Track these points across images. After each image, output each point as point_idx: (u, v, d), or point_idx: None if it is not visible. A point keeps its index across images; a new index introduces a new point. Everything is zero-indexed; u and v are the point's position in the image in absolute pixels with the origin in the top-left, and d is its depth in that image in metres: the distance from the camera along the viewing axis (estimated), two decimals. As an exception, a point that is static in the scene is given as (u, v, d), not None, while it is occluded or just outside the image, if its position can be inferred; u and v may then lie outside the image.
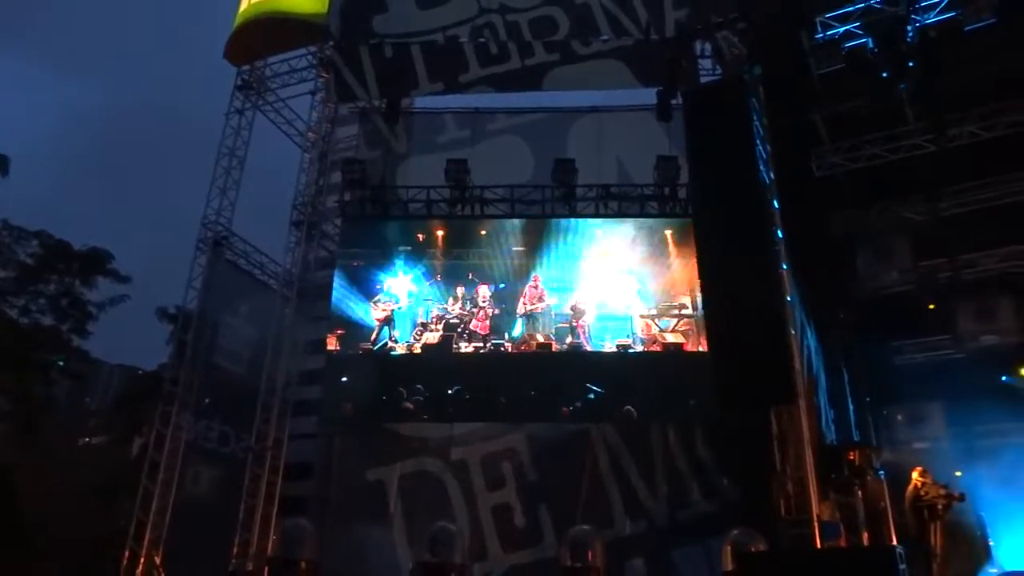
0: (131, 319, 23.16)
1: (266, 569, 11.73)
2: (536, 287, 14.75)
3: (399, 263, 15.15)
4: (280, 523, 12.65)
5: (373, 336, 14.55)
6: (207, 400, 14.52)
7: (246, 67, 16.83)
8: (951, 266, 14.20)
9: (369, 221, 15.77)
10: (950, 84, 12.35)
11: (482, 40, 15.88)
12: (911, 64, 11.44)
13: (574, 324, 14.50)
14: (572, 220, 15.31)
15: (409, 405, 13.70)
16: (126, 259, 21.31)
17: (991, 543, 10.36)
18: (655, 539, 12.47)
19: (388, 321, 14.63)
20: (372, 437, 13.97)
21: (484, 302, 14.70)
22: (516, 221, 15.49)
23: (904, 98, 12.59)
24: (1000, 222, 13.56)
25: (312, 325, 15.56)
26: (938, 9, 11.14)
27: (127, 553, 12.79)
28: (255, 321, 15.68)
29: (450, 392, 13.80)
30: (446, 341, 14.42)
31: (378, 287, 14.84)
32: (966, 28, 11.06)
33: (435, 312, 14.82)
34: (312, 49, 16.79)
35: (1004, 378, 14.16)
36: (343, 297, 14.87)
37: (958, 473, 11.71)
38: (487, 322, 14.55)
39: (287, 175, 17.13)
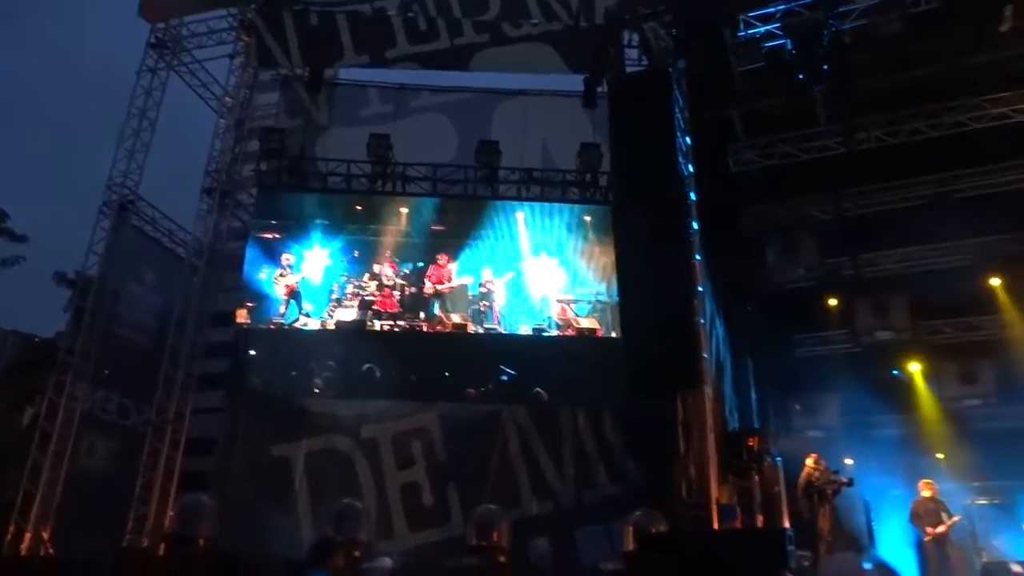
0: (28, 283, 22.01)
1: (162, 545, 11.36)
2: (443, 266, 14.65)
3: (316, 237, 14.81)
4: (179, 498, 12.27)
5: (281, 310, 14.21)
6: (106, 371, 13.90)
7: (161, 25, 16.07)
8: (853, 264, 14.91)
9: (286, 192, 15.37)
10: (861, 90, 12.89)
11: (411, 15, 15.63)
12: (826, 68, 11.84)
13: (488, 305, 14.52)
14: (493, 202, 15.30)
15: (319, 382, 13.48)
16: (23, 220, 20.20)
17: (874, 527, 10.96)
18: (560, 519, 12.67)
19: (294, 295, 14.29)
20: (279, 413, 13.65)
21: (389, 281, 14.53)
22: (437, 200, 15.37)
23: (818, 100, 13.05)
24: (899, 224, 14.31)
25: (221, 296, 15.09)
26: (853, 16, 11.55)
27: (12, 528, 12.17)
28: (161, 290, 15.08)
29: (363, 370, 13.63)
30: (361, 318, 14.22)
31: (283, 260, 14.45)
32: (877, 37, 11.51)
33: (350, 289, 14.58)
34: (233, 11, 16.16)
35: (895, 372, 15.01)
36: (255, 269, 14.46)
37: (848, 461, 12.35)
38: (393, 300, 14.39)
39: (200, 140, 16.49)
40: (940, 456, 13.67)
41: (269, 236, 14.78)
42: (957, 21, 11.28)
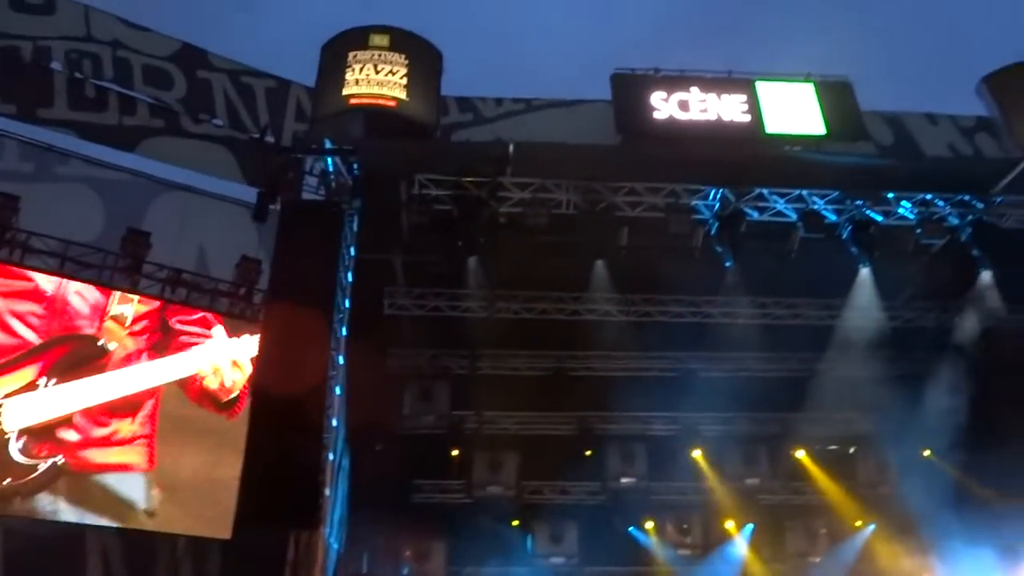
0: None
1: None
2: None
3: None
4: None
5: None
6: None
7: None
8: (477, 419, 16.12)
9: None
10: (509, 265, 14.52)
11: (78, 76, 14.25)
12: (481, 240, 13.21)
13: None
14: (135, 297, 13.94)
15: None
16: None
17: None
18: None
19: None
20: None
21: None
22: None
23: (471, 266, 14.36)
24: (520, 390, 15.92)
25: None
26: (510, 203, 13.18)
27: None
28: None
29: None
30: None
31: None
32: (527, 224, 13.20)
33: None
34: None
35: (500, 525, 16.13)
36: None
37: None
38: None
39: None
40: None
41: None
42: (588, 228, 13.40)
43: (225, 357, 13.81)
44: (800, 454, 16.74)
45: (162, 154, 14.54)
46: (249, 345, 13.60)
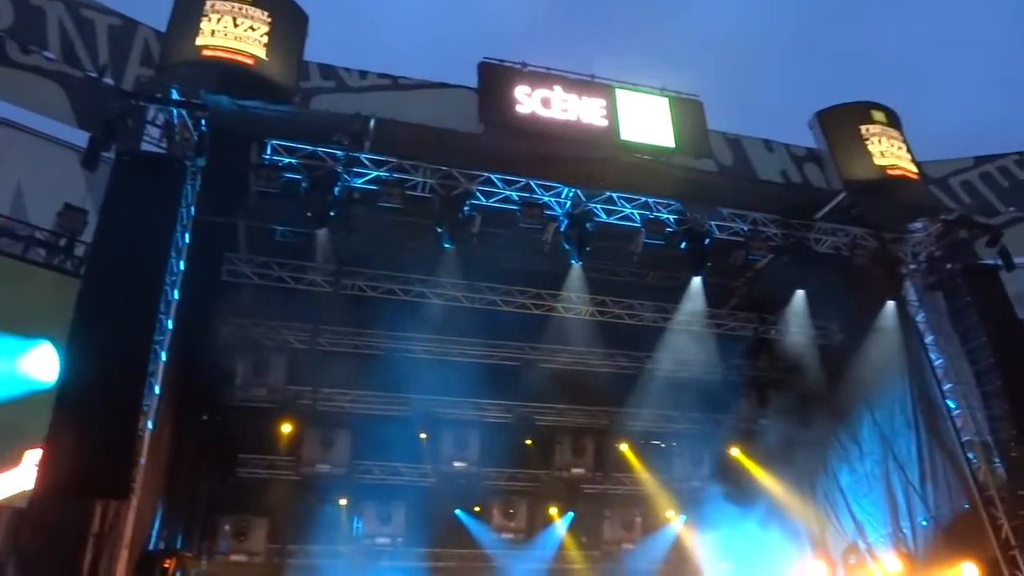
0: None
1: None
2: None
3: None
4: None
5: None
6: None
7: None
8: (312, 395, 15.70)
9: None
10: (358, 241, 14.25)
11: None
12: (332, 214, 12.89)
13: None
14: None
15: None
16: None
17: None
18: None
19: None
20: None
21: None
22: None
23: (320, 239, 13.99)
24: (359, 368, 15.68)
25: None
26: (365, 179, 12.96)
27: None
28: None
29: None
30: None
31: None
32: (381, 202, 13.04)
33: None
34: None
35: (327, 504, 15.83)
36: None
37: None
38: None
39: None
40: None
41: None
42: (441, 213, 13.36)
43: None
44: (623, 447, 17.58)
45: (-19, 83, 13.15)
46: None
